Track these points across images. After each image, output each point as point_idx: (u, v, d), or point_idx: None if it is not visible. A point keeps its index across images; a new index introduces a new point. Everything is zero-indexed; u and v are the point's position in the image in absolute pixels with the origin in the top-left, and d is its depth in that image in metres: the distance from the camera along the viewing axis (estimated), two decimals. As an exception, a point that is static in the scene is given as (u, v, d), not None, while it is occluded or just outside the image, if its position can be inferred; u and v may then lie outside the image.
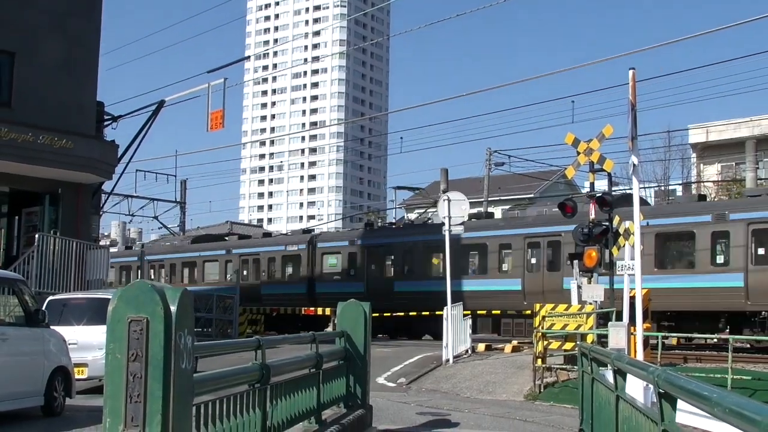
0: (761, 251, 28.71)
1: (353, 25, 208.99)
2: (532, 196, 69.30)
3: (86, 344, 16.45)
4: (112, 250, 54.02)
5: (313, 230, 52.45)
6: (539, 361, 22.26)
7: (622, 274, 20.23)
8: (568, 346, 23.08)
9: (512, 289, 34.72)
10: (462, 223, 27.68)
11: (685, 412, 7.88)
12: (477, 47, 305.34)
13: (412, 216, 75.00)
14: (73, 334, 16.20)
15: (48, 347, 13.50)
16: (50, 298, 18.93)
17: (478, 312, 34.01)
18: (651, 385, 6.10)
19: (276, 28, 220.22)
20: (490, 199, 56.19)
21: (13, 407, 12.43)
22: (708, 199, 38.13)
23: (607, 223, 23.06)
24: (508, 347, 29.39)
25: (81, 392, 15.67)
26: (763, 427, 3.23)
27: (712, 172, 54.75)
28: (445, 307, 26.53)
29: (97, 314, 16.41)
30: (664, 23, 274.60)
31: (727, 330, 28.39)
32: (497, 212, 67.88)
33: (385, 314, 36.53)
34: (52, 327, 14.16)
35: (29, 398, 12.82)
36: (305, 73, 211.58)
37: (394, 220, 60.67)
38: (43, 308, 14.60)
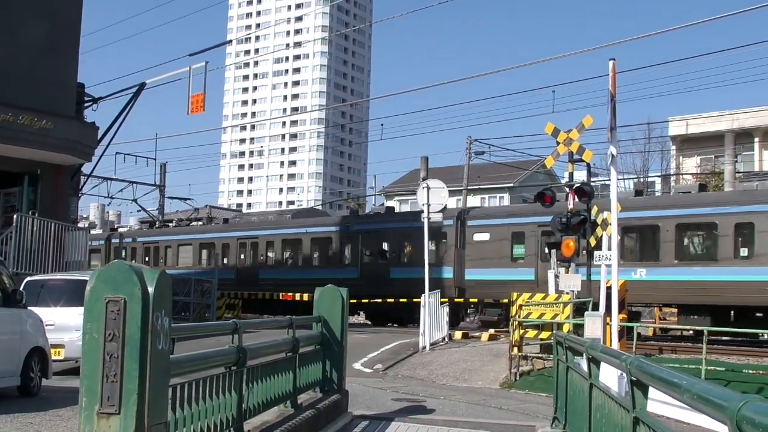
0: None
1: (336, 12, 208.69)
2: (511, 185, 69.40)
3: (63, 325, 16.43)
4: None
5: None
6: (515, 349, 22.39)
7: (599, 265, 20.30)
8: (544, 335, 23.18)
9: None
10: (441, 211, 27.71)
11: (658, 402, 7.97)
12: (459, 36, 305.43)
13: (393, 203, 75.01)
14: (51, 315, 16.16)
15: (25, 328, 13.46)
16: (28, 278, 18.87)
17: None
18: (624, 374, 6.17)
19: (258, 13, 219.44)
20: (469, 187, 56.23)
21: (-11, 387, 12.42)
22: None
23: (585, 214, 23.17)
24: (484, 335, 29.51)
25: (57, 373, 15.64)
26: (729, 413, 3.28)
27: (691, 164, 54.99)
28: (423, 295, 26.57)
29: (75, 295, 16.38)
30: (646, 14, 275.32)
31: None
32: (476, 201, 68.15)
33: None
34: (29, 308, 14.12)
35: (5, 378, 12.77)
36: (287, 58, 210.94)
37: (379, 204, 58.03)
38: (21, 289, 14.55)
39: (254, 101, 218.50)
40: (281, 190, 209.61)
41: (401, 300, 36.11)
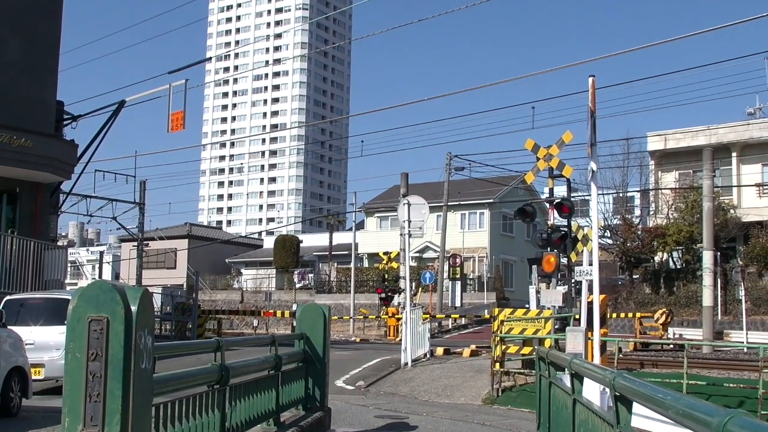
0: None
1: (315, 29, 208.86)
2: (491, 201, 69.52)
3: (43, 344, 16.34)
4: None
5: None
6: (497, 365, 22.36)
7: (579, 280, 20.30)
8: (526, 350, 23.19)
9: None
10: (421, 227, 27.75)
11: (642, 417, 7.98)
12: (438, 53, 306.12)
13: (373, 220, 74.96)
14: (30, 334, 16.08)
15: (4, 347, 13.37)
16: (7, 297, 18.74)
17: None
18: (608, 389, 6.17)
19: (238, 30, 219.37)
20: (449, 203, 56.32)
21: (-31, 407, 12.32)
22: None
23: (565, 229, 23.22)
24: (466, 351, 29.51)
25: (38, 393, 15.54)
26: (715, 428, 3.29)
27: (669, 179, 55.26)
28: (404, 311, 26.58)
29: (55, 314, 16.33)
30: (625, 31, 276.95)
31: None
32: (456, 217, 68.21)
33: None
34: (8, 327, 14.04)
35: (-15, 398, 12.70)
36: (266, 75, 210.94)
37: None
38: (0, 308, 14.47)
39: (234, 118, 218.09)
40: (261, 207, 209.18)
41: None
